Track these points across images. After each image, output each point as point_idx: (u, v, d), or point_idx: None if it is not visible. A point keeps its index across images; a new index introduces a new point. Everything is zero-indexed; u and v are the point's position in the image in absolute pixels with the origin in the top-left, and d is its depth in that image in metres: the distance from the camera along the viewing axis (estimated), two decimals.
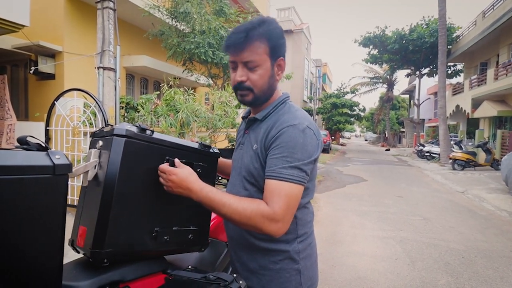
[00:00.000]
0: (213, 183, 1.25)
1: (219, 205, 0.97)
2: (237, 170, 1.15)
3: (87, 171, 0.94)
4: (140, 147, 0.97)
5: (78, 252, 0.99)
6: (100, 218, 0.90)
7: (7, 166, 0.64)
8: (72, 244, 1.00)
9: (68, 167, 0.74)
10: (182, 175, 0.99)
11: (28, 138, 0.75)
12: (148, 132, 0.99)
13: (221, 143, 6.70)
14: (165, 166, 1.01)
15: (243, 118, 1.24)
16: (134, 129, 0.96)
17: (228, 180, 1.98)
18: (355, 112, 28.81)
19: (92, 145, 1.01)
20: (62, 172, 0.73)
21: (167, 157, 1.04)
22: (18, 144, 0.75)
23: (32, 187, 0.68)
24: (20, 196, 0.66)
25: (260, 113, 1.12)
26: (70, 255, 1.09)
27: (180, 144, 1.11)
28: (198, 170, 1.13)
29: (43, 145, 0.75)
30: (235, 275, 1.07)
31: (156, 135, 1.02)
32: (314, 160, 1.01)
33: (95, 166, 0.95)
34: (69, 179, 0.78)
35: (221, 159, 1.37)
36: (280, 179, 0.95)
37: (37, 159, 0.70)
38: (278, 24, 1.08)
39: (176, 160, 1.03)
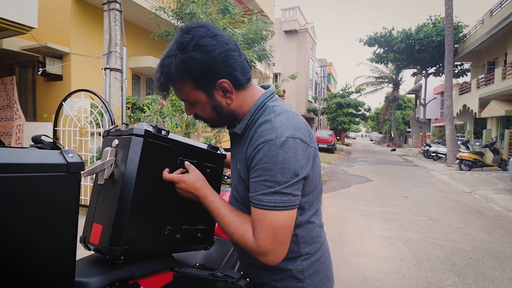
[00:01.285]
0: (220, 182, 1.26)
1: (215, 216, 0.96)
2: (232, 186, 1.08)
3: (104, 169, 0.96)
4: (156, 147, 0.98)
5: (89, 250, 1.01)
6: (117, 215, 0.92)
7: (22, 164, 0.66)
8: (85, 241, 1.01)
9: (81, 165, 0.76)
10: (189, 182, 0.99)
11: (43, 137, 0.77)
12: (163, 132, 1.01)
13: (227, 143, 6.71)
14: (173, 175, 1.00)
15: (228, 128, 1.09)
16: (152, 129, 0.97)
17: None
18: (360, 112, 28.67)
19: (106, 144, 1.02)
20: (75, 170, 0.74)
21: (180, 157, 1.05)
22: (28, 144, 0.77)
23: (47, 185, 0.70)
24: (35, 193, 0.68)
25: (238, 126, 0.97)
26: (78, 253, 1.11)
27: (192, 145, 1.12)
28: (207, 170, 1.16)
29: (57, 143, 0.77)
30: (242, 272, 1.09)
31: (171, 135, 1.03)
32: (302, 179, 0.85)
33: (112, 164, 0.97)
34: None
35: (227, 160, 1.37)
36: (260, 207, 0.85)
37: (51, 157, 0.72)
38: (201, 40, 0.84)
39: (186, 163, 1.04)
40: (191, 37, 0.85)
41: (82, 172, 0.82)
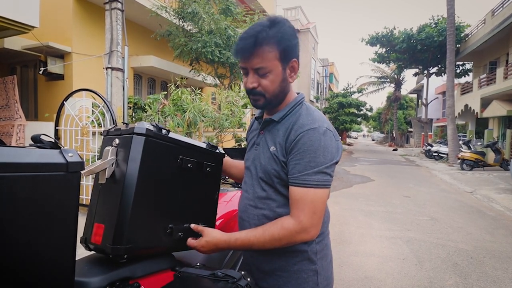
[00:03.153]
0: (219, 181, 1.27)
1: (249, 247, 1.02)
2: (253, 170, 1.14)
3: (105, 168, 0.95)
4: (157, 146, 0.99)
5: (90, 250, 1.01)
6: (120, 214, 0.92)
7: (22, 164, 0.66)
8: (86, 242, 1.01)
9: (81, 165, 0.75)
10: (209, 245, 1.05)
11: (42, 137, 0.77)
12: (164, 131, 1.01)
13: (228, 143, 6.72)
14: (194, 243, 1.07)
15: (256, 118, 1.23)
16: (152, 128, 0.97)
17: (235, 182, 2.01)
18: (362, 112, 28.62)
19: (106, 143, 1.02)
20: (75, 170, 0.74)
21: (180, 156, 1.05)
22: (28, 144, 0.77)
23: (46, 185, 0.70)
24: (34, 193, 0.68)
25: (276, 114, 1.10)
26: (78, 253, 1.10)
27: (192, 144, 1.13)
28: (207, 169, 1.16)
29: (56, 143, 0.76)
30: (243, 272, 1.09)
31: (171, 134, 1.04)
32: (336, 162, 1.01)
33: (113, 163, 0.96)
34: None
35: (225, 159, 1.36)
36: (305, 185, 0.97)
37: (51, 157, 0.72)
38: (290, 24, 1.04)
39: (193, 226, 1.09)
40: (284, 19, 1.02)
41: (83, 172, 0.82)
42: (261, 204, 1.10)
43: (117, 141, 0.98)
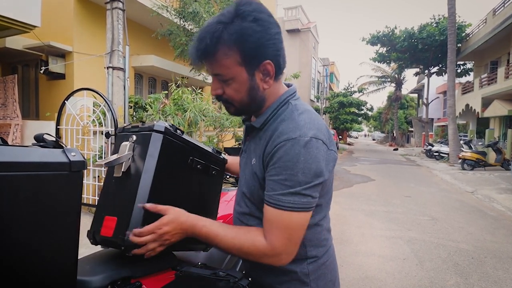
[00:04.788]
0: (221, 186, 1.28)
1: (214, 242, 0.90)
2: (241, 181, 1.03)
3: (123, 162, 0.97)
4: (172, 145, 1.01)
5: (96, 244, 1.01)
6: (136, 207, 0.93)
7: (25, 163, 0.66)
8: (93, 235, 1.00)
9: (83, 164, 0.76)
10: (173, 224, 0.89)
11: (45, 136, 0.77)
12: (179, 131, 1.04)
13: (229, 142, 6.72)
14: (149, 226, 0.87)
15: (243, 121, 1.07)
16: (170, 127, 1.00)
17: (235, 179, 2.00)
18: (362, 111, 28.62)
19: (122, 139, 1.04)
20: (77, 169, 0.74)
21: (190, 157, 1.08)
22: (26, 143, 0.77)
23: (49, 184, 0.70)
24: (38, 192, 0.68)
25: (258, 119, 0.93)
26: (80, 252, 1.11)
27: (201, 147, 1.15)
28: (213, 172, 1.19)
29: (59, 142, 0.76)
30: (244, 272, 1.09)
31: (184, 135, 1.06)
32: (321, 182, 0.82)
33: (129, 158, 0.99)
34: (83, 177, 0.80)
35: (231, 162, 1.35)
36: (278, 207, 0.81)
37: (54, 156, 0.72)
38: (261, 14, 0.81)
39: (149, 205, 0.92)
40: (252, 9, 0.80)
41: (102, 162, 0.90)
42: (245, 220, 1.00)
43: (134, 137, 1.00)
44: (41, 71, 5.59)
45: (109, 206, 1.01)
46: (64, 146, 0.77)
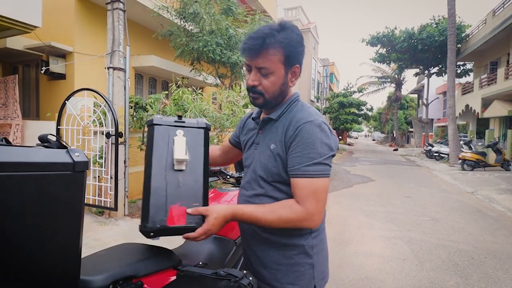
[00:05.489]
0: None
1: (256, 222, 1.04)
2: (251, 168, 1.19)
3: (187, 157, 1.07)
4: (206, 138, 1.16)
5: (153, 237, 1.00)
6: (205, 193, 1.07)
7: (30, 163, 0.67)
8: (157, 227, 0.99)
9: (86, 164, 0.76)
10: (219, 221, 1.02)
11: (49, 136, 0.78)
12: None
13: None
14: (203, 228, 1.01)
15: (253, 118, 1.27)
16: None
17: (236, 179, 2.01)
18: (362, 112, 28.61)
19: (167, 133, 1.08)
20: (81, 169, 0.75)
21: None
22: (27, 143, 0.78)
23: (53, 183, 0.71)
24: (42, 191, 0.69)
25: (274, 113, 1.15)
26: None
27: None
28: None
29: (63, 143, 0.77)
30: (245, 271, 1.10)
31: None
32: (333, 155, 1.06)
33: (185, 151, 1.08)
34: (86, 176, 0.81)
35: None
36: (306, 176, 1.01)
37: (58, 156, 0.73)
38: (298, 32, 1.08)
39: (190, 210, 1.03)
40: (294, 26, 1.08)
41: (180, 158, 1.02)
42: (257, 200, 1.14)
43: (181, 132, 1.10)
44: (42, 71, 5.59)
45: (172, 196, 1.04)
46: (68, 146, 0.78)
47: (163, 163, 1.04)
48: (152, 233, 1.00)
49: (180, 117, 1.13)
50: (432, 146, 17.98)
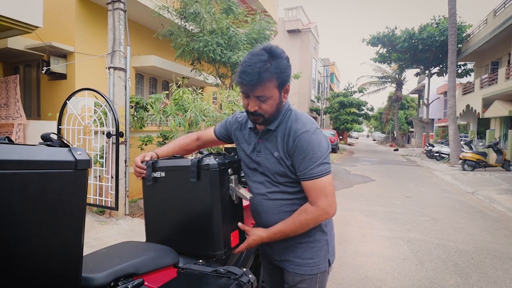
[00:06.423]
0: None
1: (286, 235, 1.26)
2: (259, 172, 1.35)
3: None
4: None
5: (220, 258, 1.27)
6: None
7: (33, 161, 0.68)
8: (224, 252, 1.29)
9: (88, 163, 0.77)
10: (256, 242, 1.32)
11: (52, 135, 0.79)
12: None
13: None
14: (244, 245, 1.33)
15: (250, 128, 1.40)
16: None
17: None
18: (363, 112, 28.59)
19: (222, 174, 1.31)
20: (83, 167, 0.76)
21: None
22: (30, 143, 0.79)
23: (56, 181, 0.72)
24: (45, 189, 0.70)
25: (272, 124, 1.29)
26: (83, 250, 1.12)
27: None
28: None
29: (65, 141, 0.78)
30: (244, 269, 1.11)
31: None
32: (330, 152, 1.25)
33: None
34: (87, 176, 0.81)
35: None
36: (314, 177, 1.19)
37: (61, 154, 0.74)
38: (285, 54, 1.21)
39: (240, 224, 1.39)
40: (280, 51, 1.19)
41: (248, 196, 1.33)
42: (273, 196, 1.30)
43: (233, 176, 1.37)
44: (43, 71, 5.60)
45: (233, 224, 1.34)
46: (70, 145, 0.79)
47: (225, 199, 1.32)
48: (218, 258, 1.25)
49: (220, 153, 1.39)
50: (433, 146, 17.97)
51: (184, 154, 1.56)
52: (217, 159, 1.27)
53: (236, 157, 1.43)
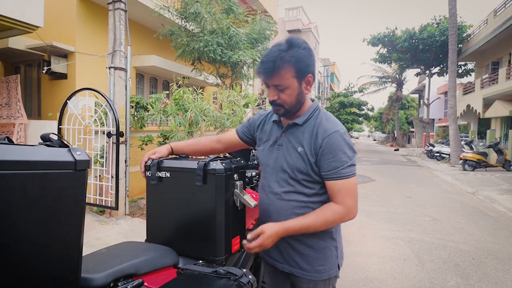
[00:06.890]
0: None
1: (306, 230, 1.20)
2: (276, 168, 1.32)
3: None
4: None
5: (219, 262, 1.24)
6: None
7: (33, 162, 0.68)
8: (226, 257, 1.29)
9: (88, 163, 0.77)
10: (273, 238, 1.18)
11: (51, 135, 0.78)
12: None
13: None
14: (257, 243, 1.17)
15: (274, 121, 1.39)
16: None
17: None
18: (363, 112, 28.56)
19: (228, 179, 1.31)
20: (82, 168, 0.76)
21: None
22: (30, 143, 0.79)
23: (55, 182, 0.72)
24: (44, 189, 0.70)
25: (299, 118, 1.29)
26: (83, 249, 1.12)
27: None
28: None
29: (65, 142, 0.78)
30: (244, 269, 1.10)
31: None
32: (356, 154, 1.26)
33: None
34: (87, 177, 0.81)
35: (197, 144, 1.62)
36: (343, 178, 1.19)
37: (60, 155, 0.73)
38: (306, 45, 1.21)
39: (250, 236, 1.21)
40: (301, 41, 1.20)
41: (252, 204, 1.33)
42: (288, 197, 1.28)
43: (239, 181, 1.37)
44: (44, 71, 5.60)
45: (234, 230, 1.34)
46: (69, 145, 0.78)
47: (228, 205, 1.31)
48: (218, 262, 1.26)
49: (226, 157, 1.44)
50: (433, 146, 17.95)
51: (200, 156, 1.56)
52: (223, 164, 1.26)
53: (242, 162, 1.42)
